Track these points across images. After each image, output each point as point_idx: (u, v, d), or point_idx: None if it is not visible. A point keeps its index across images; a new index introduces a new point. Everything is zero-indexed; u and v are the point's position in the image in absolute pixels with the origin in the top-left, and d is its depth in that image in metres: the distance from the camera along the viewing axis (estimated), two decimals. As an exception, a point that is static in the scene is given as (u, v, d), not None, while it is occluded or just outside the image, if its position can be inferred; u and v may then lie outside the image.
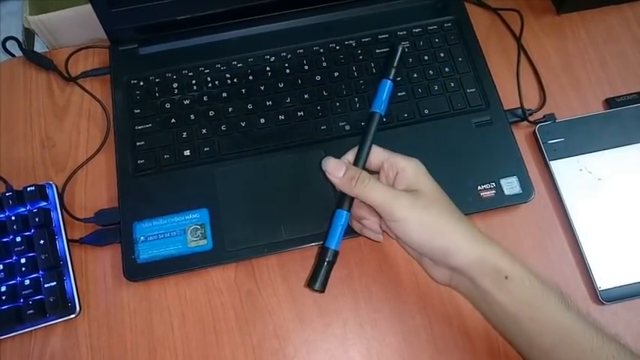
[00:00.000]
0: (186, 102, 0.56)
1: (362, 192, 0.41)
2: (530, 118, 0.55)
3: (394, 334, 0.48)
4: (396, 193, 0.40)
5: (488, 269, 0.39)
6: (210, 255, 0.49)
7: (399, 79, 0.56)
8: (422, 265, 0.44)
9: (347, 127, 0.54)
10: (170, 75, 0.57)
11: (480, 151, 0.53)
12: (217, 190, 0.51)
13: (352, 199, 0.43)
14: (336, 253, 0.43)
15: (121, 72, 0.58)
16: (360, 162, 0.43)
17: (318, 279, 0.43)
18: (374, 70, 0.57)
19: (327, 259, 0.43)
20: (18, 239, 0.49)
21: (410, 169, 0.42)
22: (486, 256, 0.39)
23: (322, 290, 0.43)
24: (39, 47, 0.64)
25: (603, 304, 0.48)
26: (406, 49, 0.57)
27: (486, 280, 0.38)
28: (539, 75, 0.58)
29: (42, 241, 0.48)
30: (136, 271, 0.49)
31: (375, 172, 0.44)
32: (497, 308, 0.39)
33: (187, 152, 0.53)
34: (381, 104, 0.45)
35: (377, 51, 0.58)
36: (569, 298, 0.39)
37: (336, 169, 0.42)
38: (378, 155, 0.44)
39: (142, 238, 0.50)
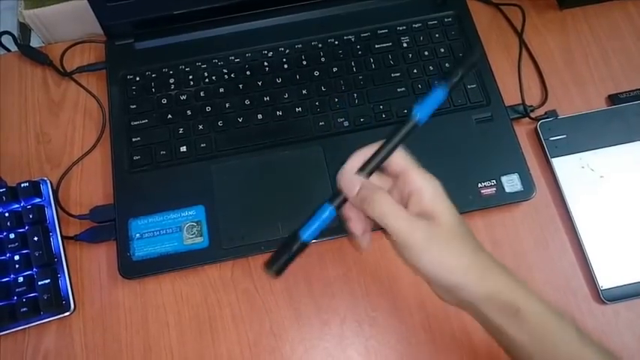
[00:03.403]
0: (183, 97, 0.55)
1: (375, 214, 0.37)
2: (532, 115, 0.54)
3: (393, 333, 0.47)
4: (411, 221, 0.36)
5: (498, 304, 0.36)
6: (207, 252, 0.48)
7: (398, 74, 0.55)
8: (429, 285, 0.40)
9: (346, 124, 0.53)
10: (167, 70, 0.56)
11: (481, 148, 0.52)
12: (214, 186, 0.51)
13: (344, 199, 0.40)
14: (304, 245, 0.40)
15: (117, 67, 0.57)
16: (369, 167, 0.39)
17: (275, 263, 0.39)
18: (373, 66, 0.56)
19: (293, 247, 0.39)
20: (12, 236, 0.48)
21: (427, 192, 0.37)
22: (496, 290, 0.36)
23: (277, 276, 0.40)
24: (35, 42, 0.64)
25: (605, 303, 0.47)
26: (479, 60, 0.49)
27: (496, 314, 0.36)
28: (541, 71, 0.57)
29: (36, 238, 0.48)
30: (132, 268, 0.48)
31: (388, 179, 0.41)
32: (508, 340, 0.37)
33: (184, 148, 0.53)
34: (425, 111, 0.40)
35: (376, 46, 0.57)
36: (583, 329, 0.37)
37: (349, 187, 0.38)
38: (397, 163, 0.39)
39: (138, 235, 0.49)
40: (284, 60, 0.57)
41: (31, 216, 0.49)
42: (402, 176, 0.38)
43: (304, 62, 0.56)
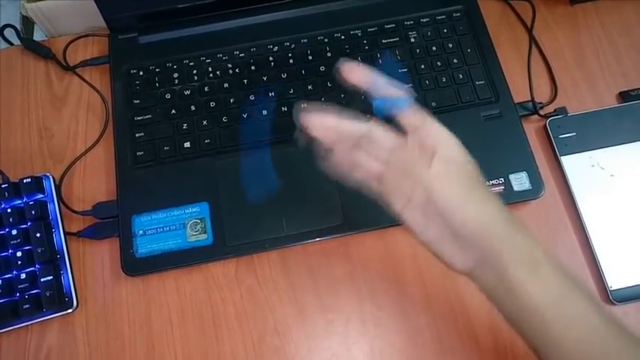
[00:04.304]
0: (187, 92, 0.54)
1: (432, 130, 0.37)
2: (541, 112, 0.54)
3: (398, 333, 0.47)
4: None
5: (524, 256, 0.35)
6: (211, 250, 0.48)
7: (405, 70, 0.54)
8: (442, 250, 0.37)
9: (351, 120, 0.53)
10: (170, 65, 0.56)
11: (489, 146, 0.51)
12: (218, 183, 0.50)
13: None
14: None
15: (120, 61, 0.56)
16: None
17: None
18: (380, 61, 0.55)
19: None
20: (14, 232, 0.48)
21: (454, 142, 0.38)
22: (524, 242, 0.35)
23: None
24: (38, 36, 0.63)
25: (614, 304, 0.46)
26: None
27: (521, 267, 0.35)
28: (551, 67, 0.56)
29: (38, 234, 0.47)
30: (135, 265, 0.48)
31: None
32: (524, 302, 0.35)
33: (187, 144, 0.52)
34: None
35: (383, 41, 0.56)
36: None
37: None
38: (415, 116, 0.38)
39: (141, 231, 0.48)
40: (289, 55, 0.56)
41: (33, 212, 0.48)
42: (422, 128, 0.37)
43: (310, 57, 0.56)
